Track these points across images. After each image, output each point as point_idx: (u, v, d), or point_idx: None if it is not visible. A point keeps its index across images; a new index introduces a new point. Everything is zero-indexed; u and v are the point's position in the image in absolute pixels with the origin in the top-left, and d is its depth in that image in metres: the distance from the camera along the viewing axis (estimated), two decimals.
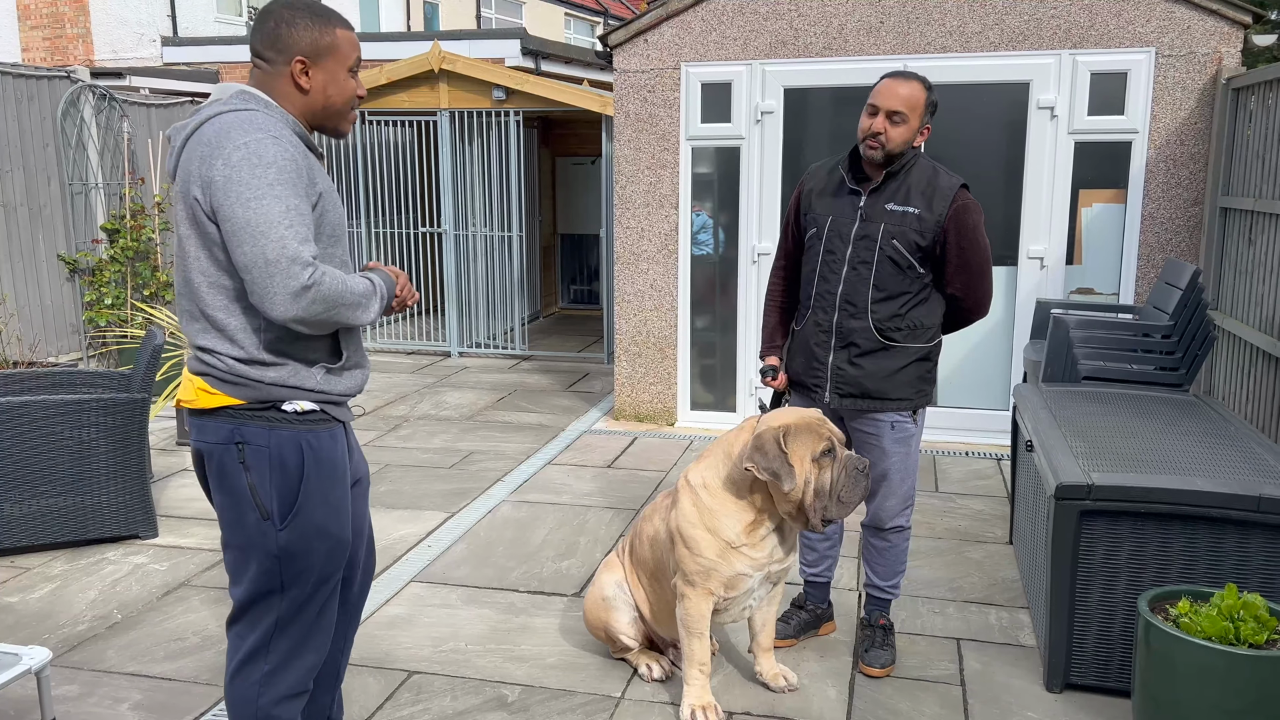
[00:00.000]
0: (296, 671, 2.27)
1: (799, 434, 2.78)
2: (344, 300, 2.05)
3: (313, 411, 2.18)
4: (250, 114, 2.05)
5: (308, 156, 2.12)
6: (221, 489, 2.17)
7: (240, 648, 2.24)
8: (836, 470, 2.79)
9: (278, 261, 1.96)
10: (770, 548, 2.90)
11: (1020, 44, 5.55)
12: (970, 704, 3.07)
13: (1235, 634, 2.56)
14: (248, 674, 2.23)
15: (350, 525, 2.30)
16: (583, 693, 3.14)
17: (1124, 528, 2.97)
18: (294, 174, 2.02)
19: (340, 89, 2.19)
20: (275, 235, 1.96)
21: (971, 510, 4.80)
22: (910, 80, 3.00)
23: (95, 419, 4.21)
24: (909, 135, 3.01)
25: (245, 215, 1.97)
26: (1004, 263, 5.77)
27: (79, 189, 7.49)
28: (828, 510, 2.79)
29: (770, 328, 3.41)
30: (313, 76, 2.15)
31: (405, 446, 5.92)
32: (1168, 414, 3.64)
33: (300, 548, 2.18)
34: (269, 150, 1.99)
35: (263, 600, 2.21)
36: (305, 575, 2.21)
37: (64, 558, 4.21)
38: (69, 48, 13.63)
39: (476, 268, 8.77)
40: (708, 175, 6.18)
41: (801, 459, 2.76)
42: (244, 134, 2.00)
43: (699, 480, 2.93)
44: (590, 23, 28.26)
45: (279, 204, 1.97)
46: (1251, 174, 4.86)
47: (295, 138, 2.11)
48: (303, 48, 2.12)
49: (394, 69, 8.36)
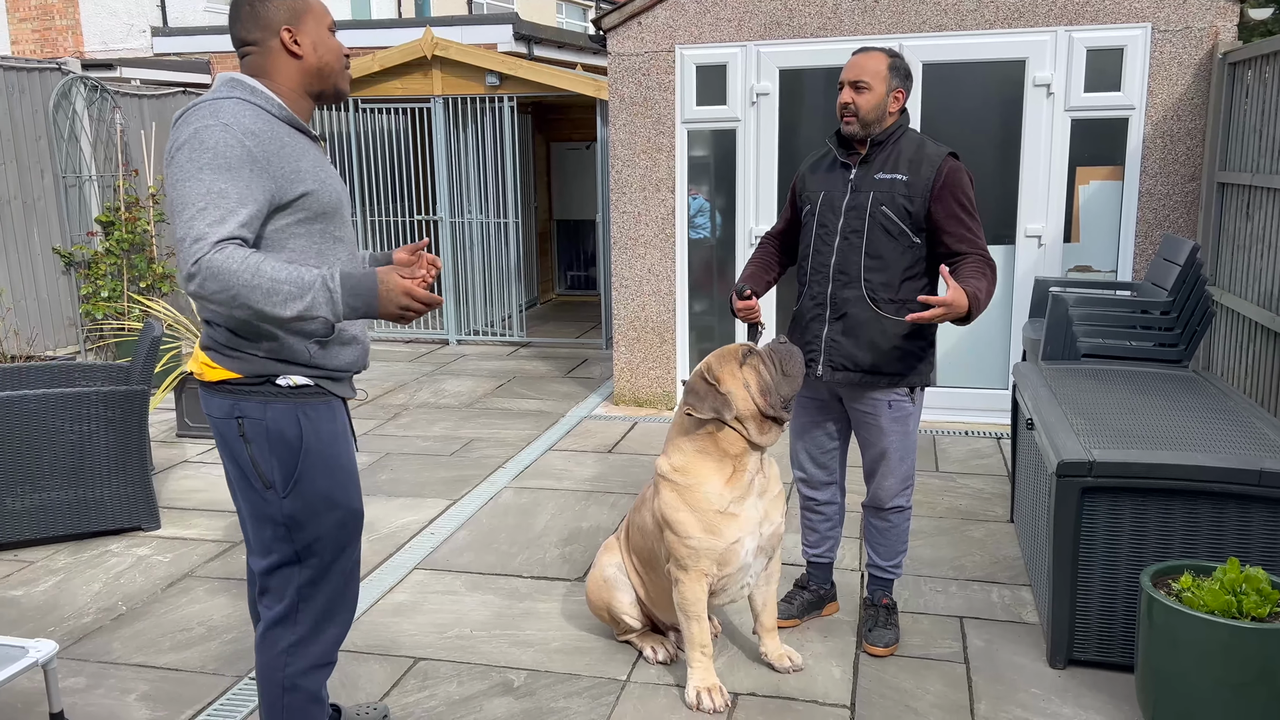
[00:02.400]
0: (322, 643, 2.35)
1: (719, 362, 2.92)
2: (245, 283, 1.97)
3: (307, 385, 2.22)
4: (222, 102, 2.09)
5: (286, 138, 2.13)
6: (229, 459, 2.26)
7: (267, 616, 2.33)
8: (765, 361, 2.89)
9: (183, 240, 2.01)
10: (755, 502, 2.92)
11: (1016, 21, 5.53)
12: (974, 681, 3.09)
13: (1238, 607, 2.57)
14: (274, 640, 2.31)
15: (359, 497, 2.36)
16: (588, 676, 3.15)
17: (1125, 504, 2.98)
18: (238, 160, 2.03)
19: (328, 47, 2.25)
20: (187, 215, 2.01)
21: (972, 489, 4.81)
22: (871, 52, 3.09)
23: (95, 412, 4.21)
24: (877, 101, 3.05)
25: (172, 195, 2.05)
26: (1002, 241, 5.76)
27: (72, 181, 7.45)
28: (781, 393, 2.88)
29: (749, 272, 3.36)
30: (301, 41, 2.22)
31: (405, 435, 5.92)
32: (1167, 390, 3.65)
33: (306, 516, 2.25)
34: (212, 136, 2.03)
35: (283, 569, 2.29)
36: (319, 544, 2.28)
37: (67, 551, 4.21)
38: (58, 39, 13.55)
39: (473, 255, 8.76)
40: (704, 158, 6.16)
41: (732, 376, 2.88)
42: (198, 120, 2.06)
43: (668, 467, 2.96)
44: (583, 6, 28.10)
45: (200, 186, 2.01)
46: (1249, 148, 4.85)
47: (275, 122, 2.13)
48: (283, 17, 2.19)
49: (386, 56, 8.31)
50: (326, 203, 2.20)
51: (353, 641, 3.40)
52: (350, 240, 2.31)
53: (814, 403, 3.31)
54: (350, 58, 2.36)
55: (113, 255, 7.48)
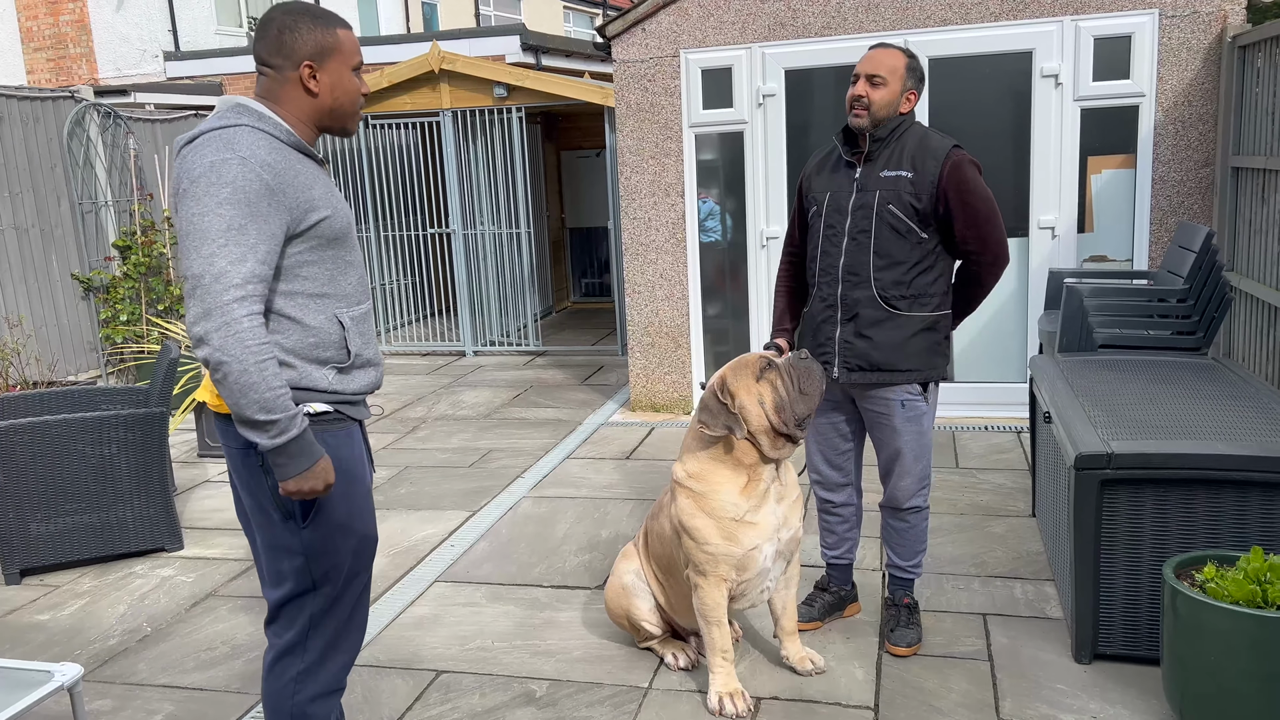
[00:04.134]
0: (331, 670, 2.33)
1: (734, 376, 2.88)
2: (245, 364, 1.97)
3: (326, 413, 2.20)
4: (234, 130, 2.07)
5: (297, 165, 2.12)
6: (246, 491, 2.23)
7: (276, 645, 2.31)
8: (783, 377, 2.86)
9: (200, 276, 1.98)
10: (773, 509, 2.91)
11: (1021, 12, 5.50)
12: (999, 678, 3.06)
13: (1263, 596, 2.54)
14: (283, 670, 2.29)
15: (374, 522, 2.35)
16: (610, 684, 3.15)
17: (1146, 495, 2.95)
18: (257, 194, 2.01)
19: (346, 89, 2.22)
20: (205, 251, 1.97)
21: (993, 484, 4.78)
22: (890, 48, 3.08)
23: (116, 435, 4.25)
24: (891, 98, 3.05)
25: (186, 228, 2.01)
26: (1015, 234, 5.73)
27: (89, 208, 7.54)
28: (796, 412, 2.84)
29: (780, 311, 3.43)
30: (320, 79, 2.18)
31: (424, 447, 5.94)
32: (1186, 379, 3.61)
33: (326, 546, 2.23)
34: (231, 170, 2.00)
35: (297, 599, 2.27)
36: (335, 572, 2.26)
37: (92, 574, 4.25)
38: (73, 68, 13.72)
39: (487, 266, 8.79)
40: (712, 161, 6.16)
41: (747, 391, 2.84)
42: (214, 152, 2.03)
43: (684, 473, 2.95)
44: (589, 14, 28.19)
45: (220, 221, 1.98)
46: (1262, 132, 4.80)
47: (285, 150, 2.12)
48: (308, 52, 2.16)
49: (394, 71, 8.36)
50: (339, 228, 2.20)
51: (374, 656, 3.41)
52: (359, 263, 2.31)
53: (827, 404, 3.30)
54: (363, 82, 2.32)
55: (130, 279, 7.56)
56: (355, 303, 2.26)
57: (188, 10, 14.24)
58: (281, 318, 2.13)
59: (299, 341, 2.15)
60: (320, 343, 2.18)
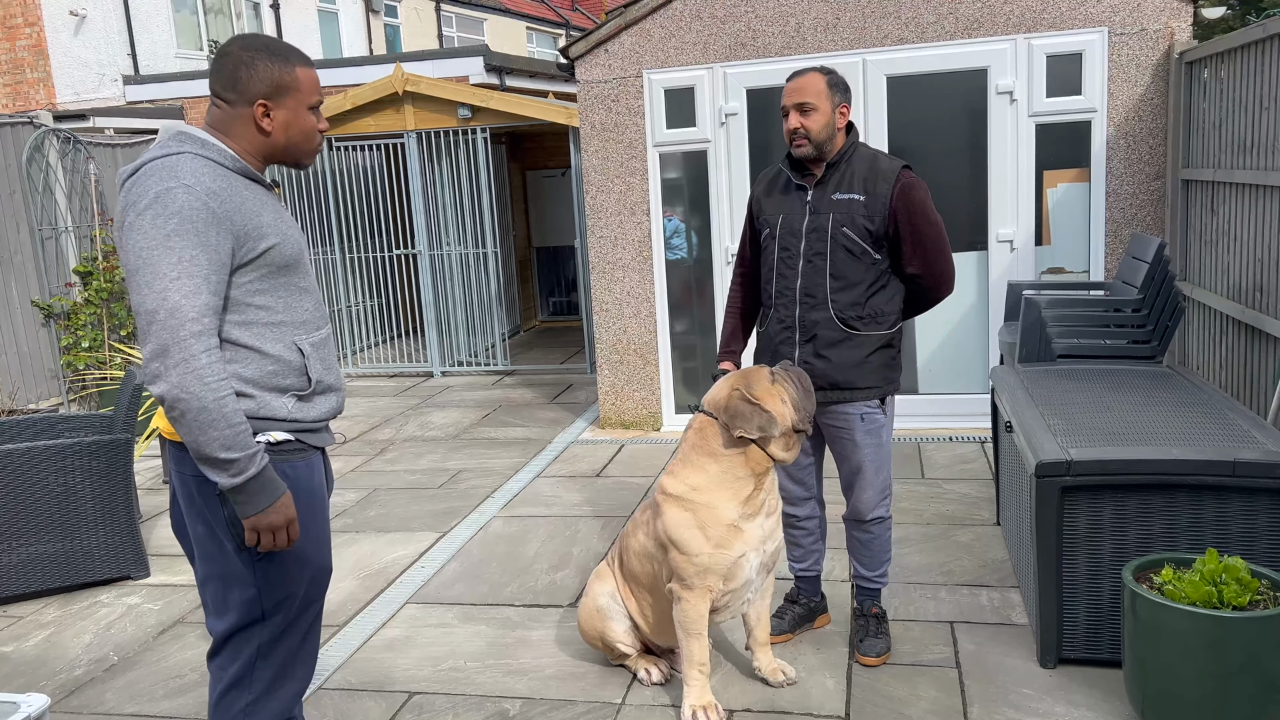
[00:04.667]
0: (281, 699, 2.26)
1: (752, 383, 2.94)
2: (204, 401, 1.95)
3: (287, 441, 2.16)
4: (177, 159, 2.03)
5: (245, 192, 2.09)
6: (199, 520, 2.16)
7: (222, 679, 2.22)
8: (789, 378, 2.98)
9: (155, 311, 1.95)
10: (761, 522, 2.96)
11: (975, 31, 5.62)
12: (966, 685, 3.11)
13: (1219, 597, 2.61)
14: (230, 703, 2.22)
15: (330, 551, 2.30)
16: (583, 701, 3.16)
17: (1105, 501, 3.02)
18: (205, 223, 1.98)
19: (302, 128, 2.18)
20: (158, 286, 1.94)
21: (958, 494, 4.85)
22: (807, 73, 3.13)
23: (79, 463, 4.20)
24: (825, 120, 3.09)
25: (135, 263, 1.97)
26: (974, 247, 5.83)
27: (49, 234, 7.46)
28: (806, 408, 2.96)
29: (729, 332, 3.46)
30: (274, 117, 2.14)
31: (393, 469, 5.92)
32: (1142, 386, 3.70)
33: (280, 576, 2.18)
34: (177, 200, 1.97)
35: (244, 630, 2.20)
36: (287, 603, 2.20)
37: (57, 603, 4.19)
38: (30, 93, 13.56)
39: (453, 286, 8.78)
40: (677, 180, 6.22)
41: (769, 393, 2.92)
42: (158, 182, 1.99)
43: (683, 487, 2.95)
44: (553, 35, 28.31)
45: (171, 254, 1.95)
46: (1210, 145, 4.94)
47: (230, 176, 2.08)
48: (262, 90, 2.12)
49: (358, 94, 8.37)
50: (289, 255, 2.16)
51: (346, 679, 3.39)
52: (313, 289, 2.27)
53: None
54: (321, 107, 2.29)
55: (92, 305, 7.47)
56: (314, 328, 2.23)
57: (147, 34, 14.14)
58: (240, 347, 2.10)
59: (258, 370, 2.12)
60: (280, 370, 2.15)
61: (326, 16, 18.16)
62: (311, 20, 17.56)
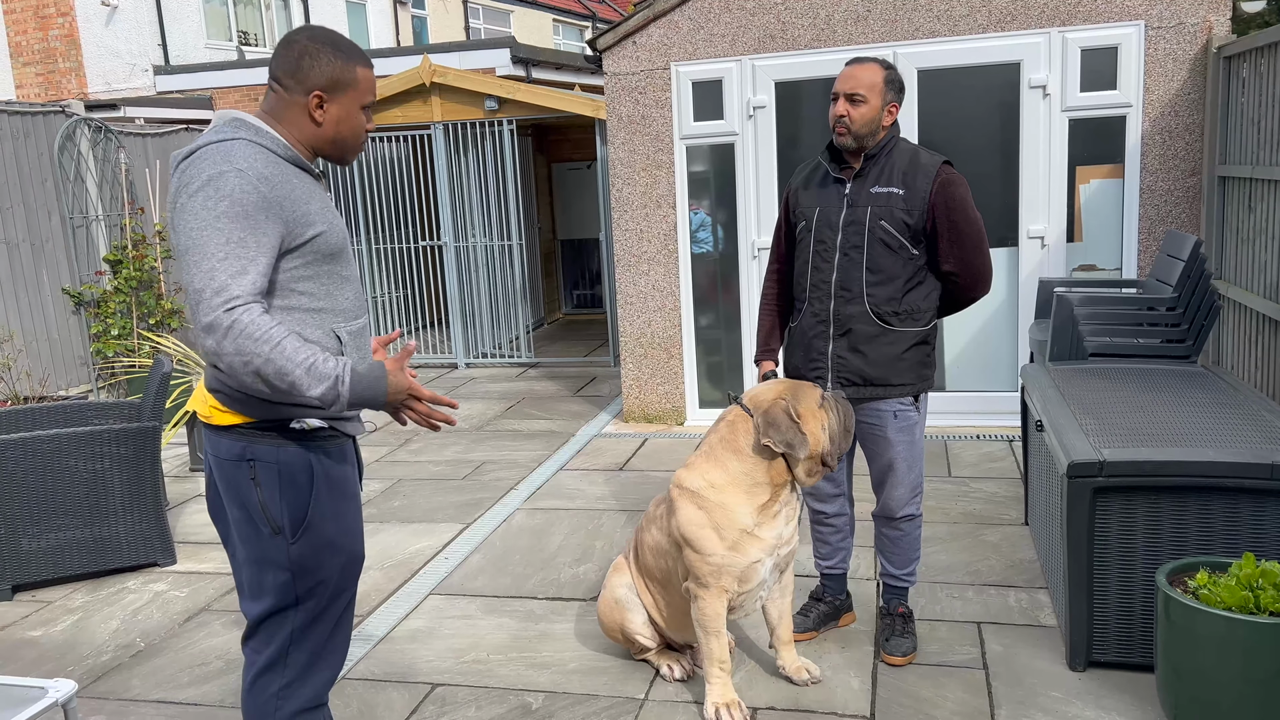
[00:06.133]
0: (314, 685, 2.29)
1: (800, 397, 2.89)
2: (264, 354, 1.97)
3: (321, 429, 2.19)
4: (231, 144, 2.06)
5: (294, 180, 2.12)
6: (235, 503, 2.21)
7: (256, 661, 2.27)
8: (835, 409, 2.92)
9: (202, 290, 1.96)
10: (779, 526, 2.92)
11: (1009, 24, 5.54)
12: (994, 687, 3.07)
13: (1255, 603, 2.56)
14: (264, 685, 2.26)
15: (362, 539, 2.33)
16: (606, 696, 3.15)
17: (1138, 503, 2.97)
18: (255, 206, 2.01)
19: (352, 125, 2.21)
20: (206, 266, 1.97)
21: (986, 493, 4.79)
22: (866, 63, 3.07)
23: (108, 450, 4.24)
24: (872, 115, 3.05)
25: (186, 243, 2.01)
26: (1005, 244, 5.76)
27: (79, 222, 7.52)
28: (841, 445, 2.91)
29: (765, 331, 3.41)
30: (327, 110, 2.17)
31: (417, 460, 5.94)
32: (1176, 386, 3.64)
33: (312, 562, 2.21)
34: (229, 183, 2.00)
35: (278, 614, 2.23)
36: (320, 589, 2.24)
37: (85, 589, 4.23)
38: (62, 82, 13.70)
39: (478, 278, 8.79)
40: (703, 173, 6.18)
41: (812, 415, 2.87)
42: (212, 165, 2.02)
43: (700, 483, 2.92)
44: (579, 27, 28.28)
45: (220, 235, 1.98)
46: (1248, 141, 4.85)
47: (282, 164, 2.11)
48: (321, 82, 2.15)
49: (385, 85, 8.38)
50: (334, 243, 2.19)
51: (370, 669, 3.40)
52: (355, 279, 2.30)
53: None
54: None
55: (121, 293, 7.54)
56: (352, 318, 2.25)
57: (177, 24, 14.25)
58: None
59: None
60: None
61: (354, 8, 18.22)
62: (339, 11, 17.63)
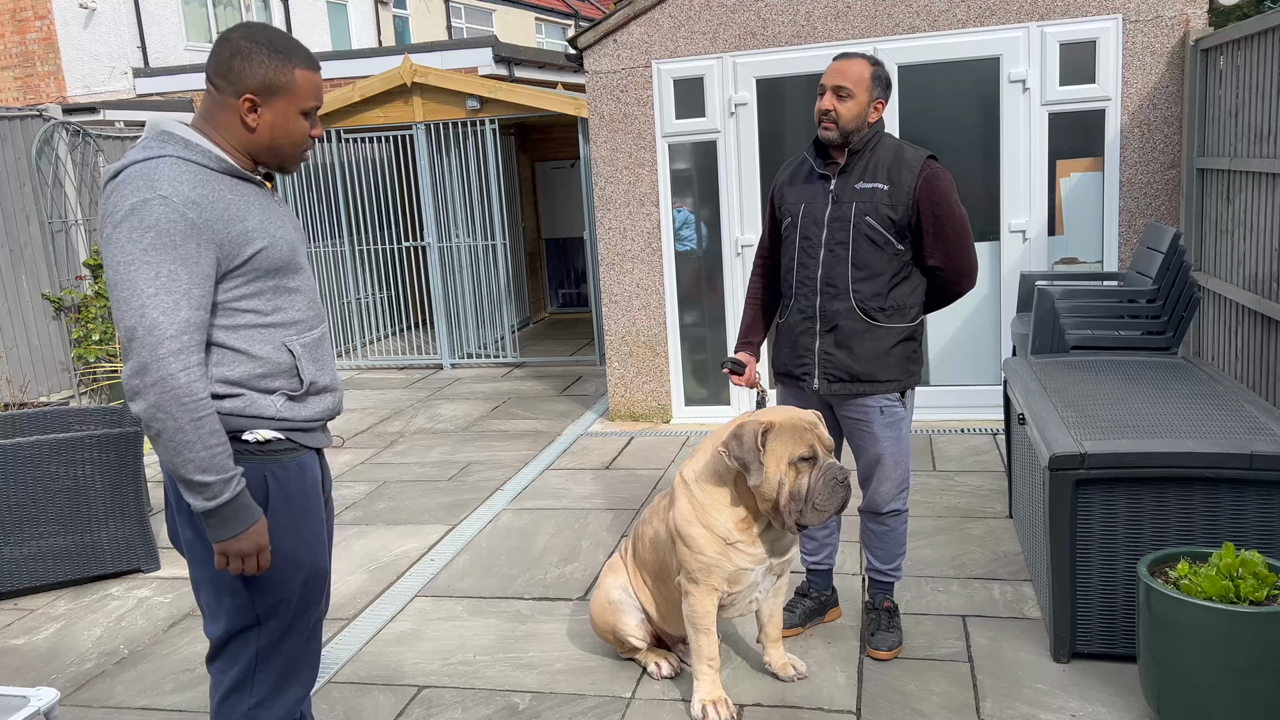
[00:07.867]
0: (285, 702, 2.21)
1: (781, 433, 2.76)
2: (178, 415, 1.89)
3: (277, 440, 2.10)
4: (157, 163, 1.95)
5: (229, 195, 2.00)
6: (187, 523, 2.11)
7: (223, 682, 2.17)
8: (815, 477, 2.73)
9: (133, 329, 1.89)
10: (767, 544, 2.91)
11: (988, 19, 5.56)
12: (979, 679, 3.09)
13: (1235, 592, 2.58)
14: (233, 706, 2.17)
15: (326, 553, 2.23)
16: (593, 695, 3.15)
17: (1119, 494, 2.98)
18: (183, 235, 1.91)
19: (289, 131, 2.08)
20: (136, 303, 1.88)
21: (970, 486, 4.81)
22: (854, 58, 3.07)
23: (90, 456, 4.21)
24: (859, 110, 3.04)
25: (114, 278, 1.91)
26: (986, 238, 5.78)
27: (59, 227, 7.47)
28: (802, 515, 2.74)
29: (748, 323, 3.42)
30: (261, 115, 2.04)
31: (402, 462, 5.92)
32: (1157, 378, 3.66)
33: (272, 579, 2.11)
34: (153, 212, 1.89)
35: (240, 635, 2.14)
36: (282, 607, 2.15)
37: (67, 596, 4.20)
38: (41, 86, 13.59)
39: (463, 278, 8.77)
40: (686, 171, 6.19)
41: (779, 459, 2.74)
42: (134, 193, 1.91)
43: (692, 476, 2.94)
44: (561, 26, 28.23)
45: (148, 270, 1.89)
46: (1225, 133, 4.88)
47: (213, 180, 2.00)
48: (253, 85, 2.01)
49: (367, 85, 8.35)
50: (278, 257, 2.06)
51: (355, 672, 3.39)
52: (308, 287, 2.17)
53: None
54: (321, 109, 2.19)
55: (102, 298, 7.48)
56: (307, 329, 2.15)
57: (157, 26, 14.15)
58: (225, 350, 2.03)
59: (246, 373, 2.05)
60: (269, 372, 2.08)
61: (335, 8, 18.14)
62: (320, 12, 17.55)
